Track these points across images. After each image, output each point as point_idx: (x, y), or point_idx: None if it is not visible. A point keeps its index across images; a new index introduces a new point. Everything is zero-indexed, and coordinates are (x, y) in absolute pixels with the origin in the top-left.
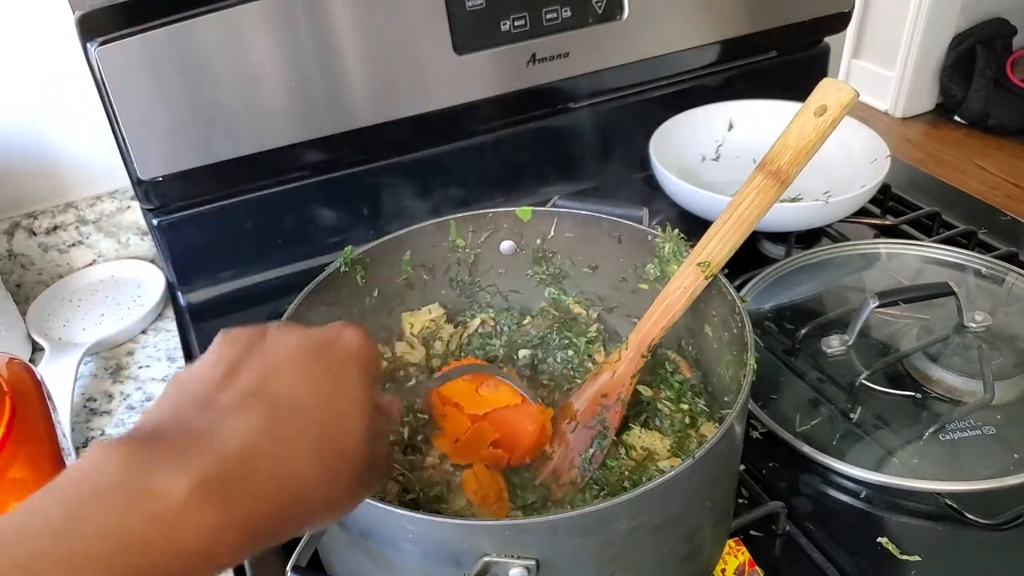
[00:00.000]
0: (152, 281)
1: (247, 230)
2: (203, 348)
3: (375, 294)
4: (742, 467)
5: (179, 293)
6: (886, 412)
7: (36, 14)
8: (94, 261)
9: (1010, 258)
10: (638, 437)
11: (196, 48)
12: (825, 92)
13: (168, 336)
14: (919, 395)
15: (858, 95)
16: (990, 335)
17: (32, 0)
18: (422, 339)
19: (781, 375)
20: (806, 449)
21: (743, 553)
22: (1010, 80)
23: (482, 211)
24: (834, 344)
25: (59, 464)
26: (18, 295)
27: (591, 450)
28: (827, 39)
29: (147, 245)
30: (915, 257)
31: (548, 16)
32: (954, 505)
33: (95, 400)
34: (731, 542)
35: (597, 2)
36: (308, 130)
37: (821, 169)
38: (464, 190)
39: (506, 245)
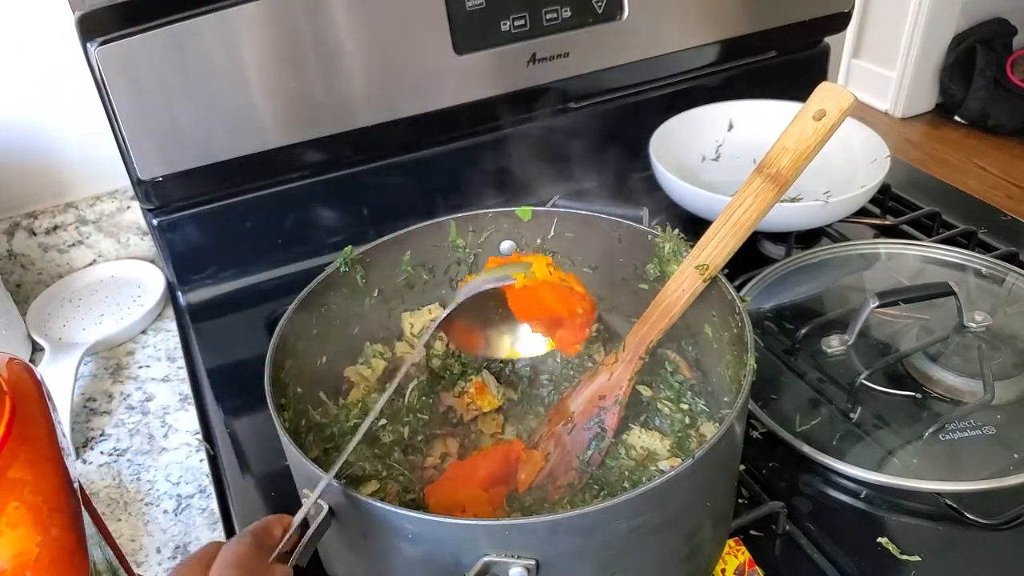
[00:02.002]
0: (152, 281)
1: (247, 230)
2: (203, 348)
3: (375, 294)
4: (742, 467)
5: (179, 293)
6: (886, 412)
7: (36, 14)
8: (94, 261)
9: (1010, 258)
10: (638, 437)
11: (196, 48)
12: (824, 96)
13: (168, 336)
14: (919, 395)
15: (857, 100)
16: (990, 335)
17: (32, 0)
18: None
19: (781, 375)
20: (806, 449)
21: (743, 553)
22: (1010, 80)
23: (482, 211)
24: (834, 344)
25: (59, 464)
26: (18, 295)
27: (589, 452)
28: (827, 39)
29: (147, 245)
30: (915, 257)
31: (548, 16)
32: (954, 505)
33: (95, 400)
34: (731, 542)
35: (597, 2)
36: (308, 130)
37: (821, 169)
38: (464, 190)
39: (506, 245)
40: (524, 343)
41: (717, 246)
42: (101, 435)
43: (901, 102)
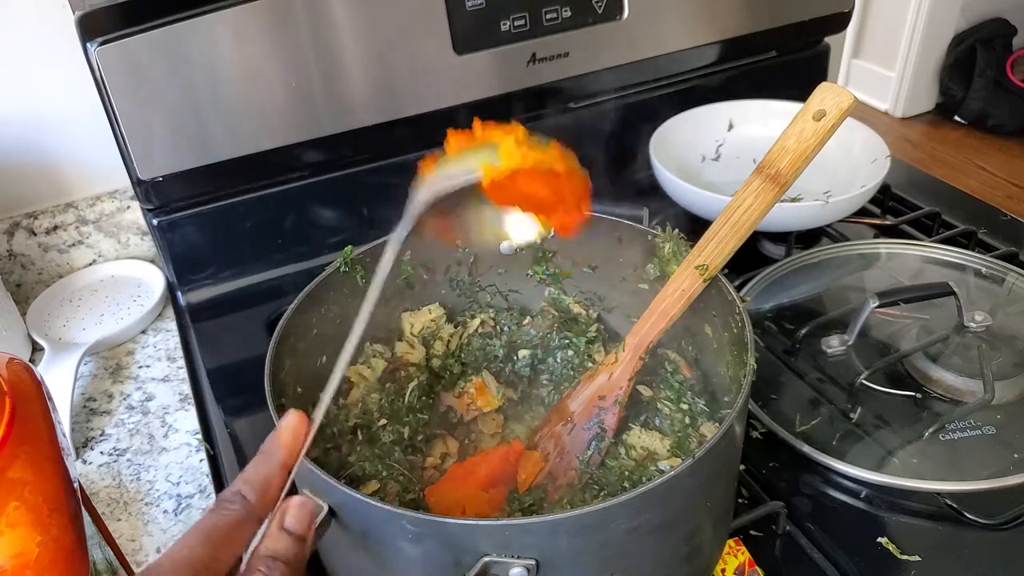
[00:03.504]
0: (152, 281)
1: (247, 230)
2: (203, 348)
3: None
4: (742, 467)
5: (179, 293)
6: (886, 412)
7: (37, 14)
8: (94, 261)
9: (1010, 258)
10: (638, 437)
11: (196, 48)
12: (824, 97)
13: (168, 336)
14: (919, 395)
15: (857, 101)
16: (990, 335)
17: (33, 0)
18: (422, 339)
19: (781, 375)
20: (806, 449)
21: (743, 553)
22: (1010, 80)
23: None
24: (834, 344)
25: (59, 464)
26: (18, 295)
27: (588, 452)
28: (827, 39)
29: (147, 245)
30: (915, 257)
31: (548, 16)
32: (954, 505)
33: (95, 400)
34: (731, 542)
35: (597, 2)
36: (308, 130)
37: (821, 169)
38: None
39: (506, 245)
40: (512, 226)
41: (717, 246)
42: (101, 435)
43: (901, 102)
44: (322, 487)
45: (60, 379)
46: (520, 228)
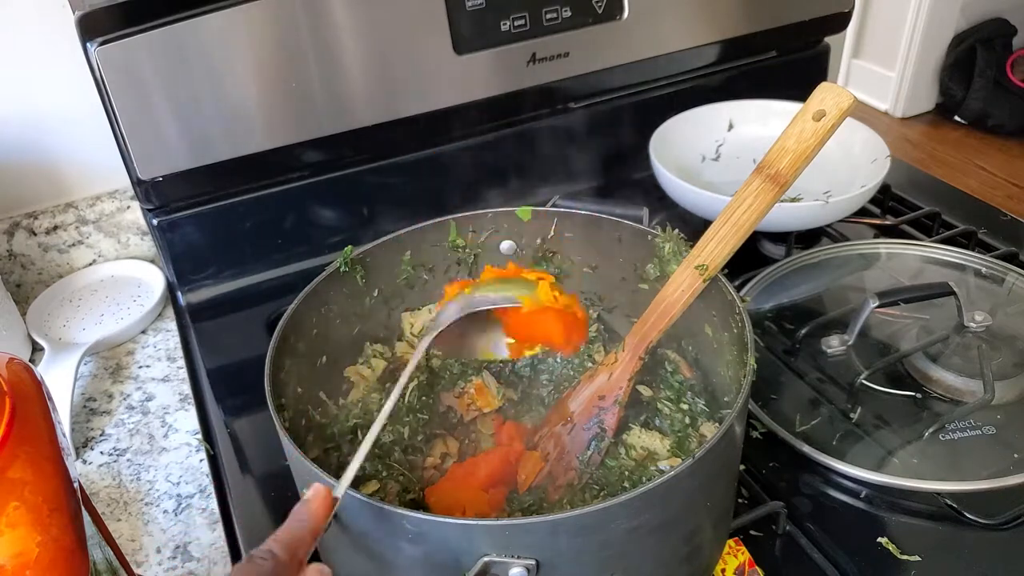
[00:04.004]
0: (152, 281)
1: (247, 230)
2: (203, 348)
3: (375, 294)
4: (742, 467)
5: (179, 293)
6: (886, 412)
7: (37, 14)
8: (94, 261)
9: (1010, 258)
10: (638, 437)
11: (196, 48)
12: (824, 97)
13: (168, 336)
14: (919, 395)
15: (856, 101)
16: (990, 335)
17: (33, 0)
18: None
19: (781, 375)
20: (806, 449)
21: (743, 553)
22: (1010, 80)
23: (482, 211)
24: (834, 344)
25: (59, 464)
26: (18, 295)
27: (588, 452)
28: (827, 39)
29: (147, 245)
30: (915, 257)
31: (548, 16)
32: (954, 505)
33: (95, 400)
34: (731, 542)
35: (597, 2)
36: (308, 130)
37: (821, 169)
38: (464, 190)
39: (506, 245)
40: (501, 346)
41: (717, 246)
42: (101, 435)
43: (901, 102)
44: None
45: (60, 379)
46: (501, 349)
